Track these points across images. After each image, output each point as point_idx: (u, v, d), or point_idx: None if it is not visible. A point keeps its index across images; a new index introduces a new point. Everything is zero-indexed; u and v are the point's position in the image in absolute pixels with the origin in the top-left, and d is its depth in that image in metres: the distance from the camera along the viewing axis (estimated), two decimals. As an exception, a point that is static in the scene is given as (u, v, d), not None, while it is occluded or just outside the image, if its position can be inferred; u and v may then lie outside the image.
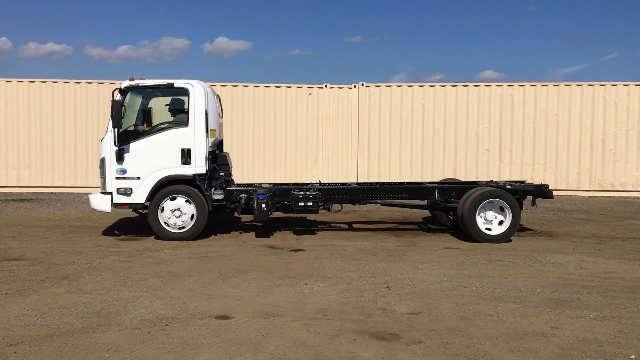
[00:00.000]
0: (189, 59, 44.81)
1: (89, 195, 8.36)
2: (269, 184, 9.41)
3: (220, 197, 8.33)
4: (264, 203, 8.14)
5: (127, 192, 8.01)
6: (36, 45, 43.12)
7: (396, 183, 9.87)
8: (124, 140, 8.02)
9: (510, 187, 8.43)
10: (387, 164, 14.61)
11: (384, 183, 9.82)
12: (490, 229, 8.10)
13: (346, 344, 4.04)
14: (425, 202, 9.27)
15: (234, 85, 14.69)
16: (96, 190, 14.26)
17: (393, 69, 43.84)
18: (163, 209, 8.03)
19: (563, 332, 4.27)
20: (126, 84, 8.09)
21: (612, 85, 14.28)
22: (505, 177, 14.05)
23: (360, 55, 44.36)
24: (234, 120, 14.36)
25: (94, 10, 43.69)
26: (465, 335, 4.21)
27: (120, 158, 7.99)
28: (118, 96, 7.94)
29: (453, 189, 8.71)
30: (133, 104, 8.42)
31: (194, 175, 8.09)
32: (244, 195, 8.39)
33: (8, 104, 14.28)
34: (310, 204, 8.19)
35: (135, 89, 8.23)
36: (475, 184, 9.06)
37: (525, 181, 9.54)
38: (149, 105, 8.75)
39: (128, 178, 8.01)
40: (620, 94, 14.24)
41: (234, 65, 45.13)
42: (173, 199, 8.04)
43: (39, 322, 4.47)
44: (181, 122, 8.17)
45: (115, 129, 7.93)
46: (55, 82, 14.43)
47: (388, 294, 5.34)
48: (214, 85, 13.39)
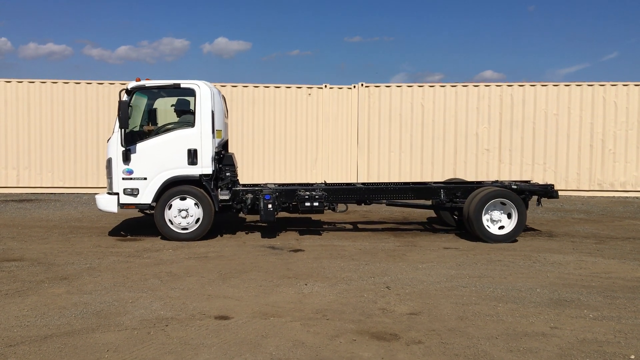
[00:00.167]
0: (189, 59, 44.84)
1: (96, 196, 8.36)
2: (274, 184, 9.42)
3: (226, 198, 8.33)
4: (270, 203, 8.14)
5: (134, 193, 8.01)
6: (36, 46, 43.14)
7: (401, 183, 9.86)
8: (130, 140, 8.02)
9: (516, 187, 8.43)
10: (387, 164, 14.61)
11: (389, 183, 9.81)
12: (496, 228, 8.09)
13: (346, 344, 4.04)
14: (430, 202, 9.27)
15: (233, 86, 14.68)
16: (95, 190, 14.37)
17: (393, 69, 43.89)
18: (170, 210, 8.04)
19: (563, 332, 4.27)
20: (132, 84, 8.10)
21: (612, 85, 14.29)
22: (505, 177, 14.05)
23: (360, 56, 44.40)
24: (233, 121, 14.34)
25: (93, 11, 43.72)
26: (465, 335, 4.21)
27: (127, 159, 7.99)
28: (125, 97, 7.93)
29: (459, 189, 8.70)
30: (138, 104, 8.42)
31: (201, 175, 8.10)
32: (250, 195, 8.39)
33: (8, 104, 14.28)
34: (316, 204, 8.20)
35: (141, 89, 8.23)
36: (480, 184, 9.05)
37: (530, 181, 9.53)
38: (154, 106, 8.75)
39: (135, 179, 8.01)
40: (619, 94, 14.24)
41: (233, 66, 45.18)
42: (180, 200, 8.04)
43: (38, 323, 4.47)
44: (188, 123, 8.19)
45: (122, 130, 7.93)
46: (55, 83, 14.43)
47: (388, 294, 5.34)
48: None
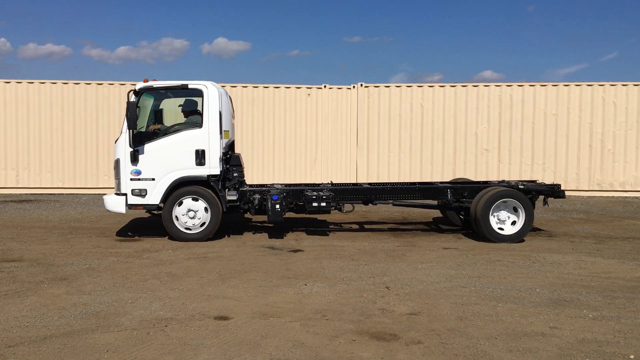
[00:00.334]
0: (188, 60, 44.84)
1: (104, 197, 8.36)
2: (281, 184, 9.43)
3: (234, 198, 8.34)
4: (278, 204, 8.14)
5: (142, 194, 8.02)
6: (35, 46, 43.14)
7: (408, 183, 9.88)
8: (138, 141, 8.02)
9: (522, 187, 8.43)
10: (386, 164, 14.62)
11: (396, 183, 9.80)
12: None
13: (345, 344, 4.03)
14: (436, 202, 9.28)
15: (233, 86, 14.69)
16: (94, 190, 14.39)
17: (392, 69, 43.89)
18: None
19: (562, 332, 4.27)
20: (140, 85, 8.10)
21: (611, 85, 14.30)
22: (505, 177, 14.05)
23: (360, 56, 44.40)
24: (233, 121, 14.36)
25: (93, 11, 43.72)
26: (465, 335, 4.21)
27: (135, 159, 7.99)
28: (133, 97, 7.93)
29: (466, 189, 8.70)
30: (145, 105, 8.42)
31: (209, 176, 8.11)
32: (257, 195, 8.40)
33: (7, 105, 14.28)
34: (323, 204, 8.21)
35: (148, 90, 8.24)
36: (486, 183, 9.05)
37: (536, 181, 9.54)
38: (160, 107, 8.75)
39: (143, 179, 8.01)
40: (619, 94, 14.26)
41: (233, 66, 45.18)
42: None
43: (38, 323, 4.47)
44: (195, 123, 8.20)
45: (130, 131, 7.93)
46: (54, 83, 14.43)
47: (387, 294, 5.34)
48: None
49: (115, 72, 53.04)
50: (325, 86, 14.82)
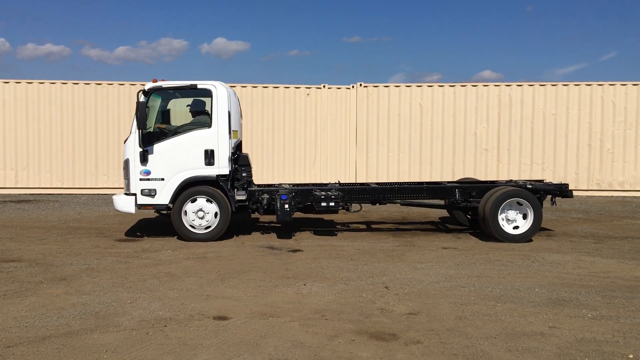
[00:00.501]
0: (187, 60, 44.83)
1: (113, 197, 8.35)
2: (288, 184, 9.45)
3: (243, 198, 8.34)
4: (286, 203, 8.14)
5: (152, 194, 8.02)
6: (34, 46, 43.10)
7: (415, 183, 9.91)
8: (147, 141, 8.03)
9: (531, 187, 8.44)
10: (385, 164, 14.62)
11: (403, 183, 9.81)
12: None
13: (345, 344, 4.03)
14: (442, 202, 9.29)
15: (232, 86, 14.62)
16: (93, 191, 14.39)
17: (391, 69, 43.91)
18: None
19: (561, 332, 4.27)
20: (149, 85, 8.12)
21: (610, 85, 14.31)
22: (504, 177, 14.07)
23: (359, 56, 44.41)
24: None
25: (92, 11, 43.70)
26: (464, 335, 4.21)
27: (144, 159, 7.99)
28: (142, 97, 7.94)
29: (474, 189, 8.69)
30: (153, 105, 8.42)
31: (218, 176, 8.12)
32: (266, 195, 8.40)
33: (6, 105, 14.28)
34: (332, 204, 8.21)
35: (158, 90, 8.24)
36: (494, 183, 9.06)
37: (543, 180, 9.57)
38: (167, 107, 8.75)
39: (152, 179, 8.02)
40: (618, 94, 14.27)
41: (232, 66, 45.17)
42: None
43: (37, 324, 4.47)
44: (204, 123, 8.20)
45: (140, 131, 7.93)
46: (53, 83, 14.42)
47: (386, 294, 5.34)
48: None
49: (114, 72, 53.09)
50: (324, 86, 14.83)
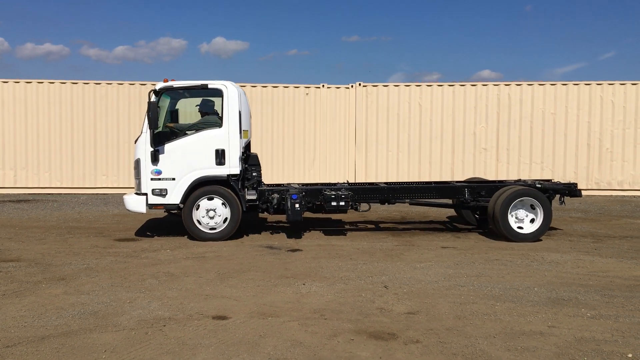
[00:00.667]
0: (187, 59, 44.76)
1: (124, 197, 8.34)
2: (297, 184, 9.48)
3: (253, 198, 8.34)
4: (297, 203, 8.14)
5: (162, 193, 8.02)
6: (33, 46, 43.01)
7: (424, 182, 9.95)
8: (158, 141, 8.03)
9: (540, 186, 8.47)
10: (385, 163, 14.61)
11: (412, 182, 9.82)
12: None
13: (344, 343, 4.03)
14: (450, 201, 9.30)
15: (231, 86, 14.65)
16: (92, 190, 14.37)
17: (390, 68, 43.86)
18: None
19: (560, 331, 4.28)
20: (160, 85, 8.12)
21: (609, 84, 14.31)
22: (503, 176, 14.07)
23: (358, 55, 44.40)
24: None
25: (91, 11, 43.64)
26: (463, 334, 4.22)
27: (155, 159, 7.99)
28: (153, 97, 7.94)
29: (483, 188, 8.71)
30: (163, 105, 8.41)
31: (228, 175, 8.13)
32: (276, 195, 8.40)
33: (5, 104, 14.25)
34: (342, 203, 8.22)
35: (168, 90, 8.24)
36: (502, 182, 9.07)
37: (551, 180, 9.58)
38: (176, 107, 8.75)
39: (163, 179, 8.03)
40: (617, 93, 14.27)
41: (231, 65, 45.12)
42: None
43: (36, 323, 4.46)
44: (215, 123, 8.22)
45: (151, 130, 7.94)
46: (52, 83, 14.40)
47: (386, 293, 5.34)
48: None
49: (113, 72, 52.99)
50: (323, 85, 14.82)
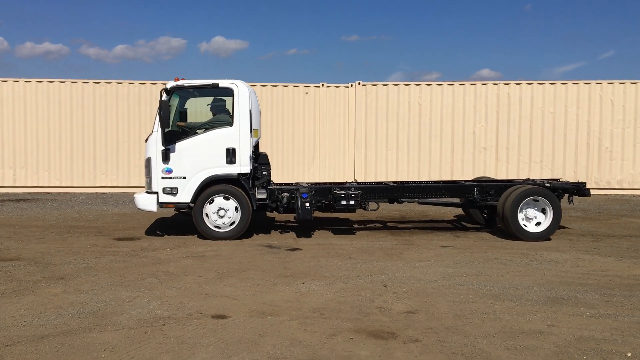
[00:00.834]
0: (186, 58, 44.75)
1: (134, 195, 8.35)
2: (307, 183, 9.49)
3: (263, 196, 8.36)
4: (307, 202, 8.16)
5: (173, 192, 8.04)
6: (32, 45, 42.98)
7: (433, 182, 9.96)
8: (169, 140, 8.04)
9: (549, 185, 8.48)
10: (384, 162, 14.61)
11: (421, 182, 9.84)
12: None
13: (343, 342, 4.04)
14: (458, 201, 9.31)
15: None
16: (92, 190, 14.36)
17: (390, 68, 43.86)
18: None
19: (560, 330, 4.28)
20: (171, 84, 8.13)
21: (609, 83, 14.31)
22: (502, 176, 14.06)
23: (357, 55, 44.39)
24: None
25: (90, 10, 43.61)
26: (462, 333, 4.22)
27: (166, 158, 8.01)
28: (164, 96, 7.95)
29: (492, 187, 8.72)
30: (172, 103, 8.40)
31: (239, 174, 8.14)
32: (285, 194, 8.41)
33: (4, 103, 14.24)
34: (352, 202, 8.23)
35: (179, 89, 8.24)
36: (511, 182, 9.08)
37: (560, 179, 9.59)
38: (185, 106, 8.73)
39: (174, 178, 8.04)
40: (616, 92, 14.27)
41: (230, 65, 45.12)
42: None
43: (35, 323, 4.46)
44: (226, 122, 8.23)
45: (162, 129, 7.95)
46: (51, 82, 14.39)
47: (385, 292, 5.34)
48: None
49: (113, 71, 52.87)
50: (323, 85, 14.80)
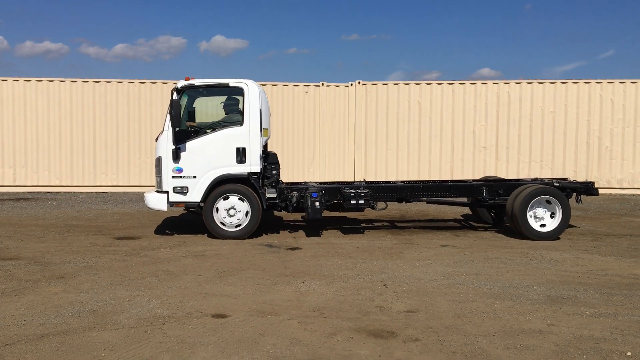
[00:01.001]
0: (186, 58, 44.75)
1: (145, 194, 8.35)
2: (315, 182, 9.49)
3: (273, 196, 8.36)
4: (317, 201, 8.16)
5: (184, 191, 8.05)
6: (32, 44, 42.99)
7: (441, 181, 9.99)
8: (179, 139, 8.04)
9: (557, 185, 8.48)
10: (384, 162, 14.61)
11: (429, 181, 9.85)
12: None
13: (343, 342, 4.04)
14: (466, 200, 9.33)
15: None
16: (92, 189, 14.36)
17: (390, 67, 43.88)
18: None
19: (559, 329, 4.28)
20: (182, 83, 8.13)
21: (609, 82, 14.31)
22: (502, 175, 14.06)
23: (357, 54, 44.38)
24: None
25: (90, 9, 43.60)
26: (462, 332, 4.22)
27: (176, 157, 8.02)
28: (175, 95, 7.94)
29: (500, 187, 8.73)
30: (181, 103, 8.39)
31: (249, 173, 8.15)
32: (295, 193, 8.42)
33: (4, 103, 14.24)
34: (361, 201, 8.23)
35: (190, 88, 8.24)
36: (519, 181, 9.08)
37: (567, 178, 9.60)
38: (193, 105, 8.73)
39: (184, 177, 8.05)
40: (616, 92, 14.27)
41: (230, 64, 45.13)
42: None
43: (35, 322, 4.46)
44: (236, 121, 8.24)
45: (173, 128, 7.95)
46: (51, 81, 14.38)
47: (385, 292, 5.34)
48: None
49: (113, 70, 52.82)
50: (322, 84, 14.80)
